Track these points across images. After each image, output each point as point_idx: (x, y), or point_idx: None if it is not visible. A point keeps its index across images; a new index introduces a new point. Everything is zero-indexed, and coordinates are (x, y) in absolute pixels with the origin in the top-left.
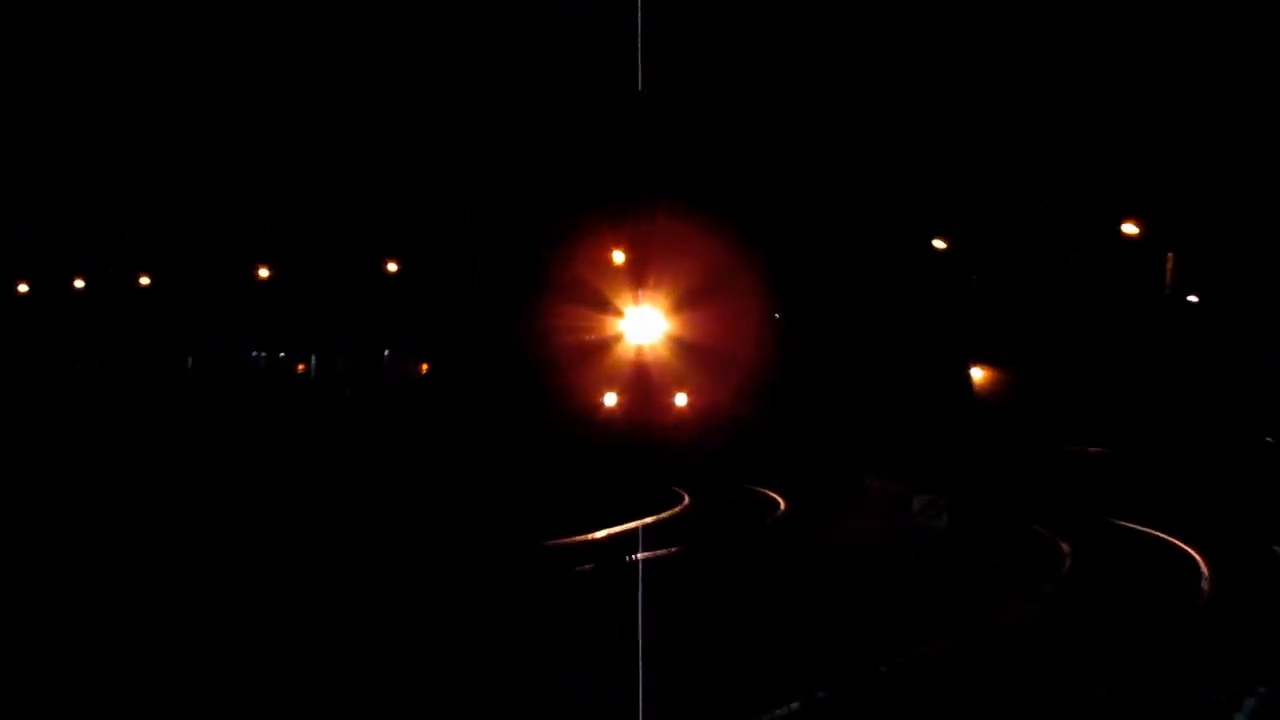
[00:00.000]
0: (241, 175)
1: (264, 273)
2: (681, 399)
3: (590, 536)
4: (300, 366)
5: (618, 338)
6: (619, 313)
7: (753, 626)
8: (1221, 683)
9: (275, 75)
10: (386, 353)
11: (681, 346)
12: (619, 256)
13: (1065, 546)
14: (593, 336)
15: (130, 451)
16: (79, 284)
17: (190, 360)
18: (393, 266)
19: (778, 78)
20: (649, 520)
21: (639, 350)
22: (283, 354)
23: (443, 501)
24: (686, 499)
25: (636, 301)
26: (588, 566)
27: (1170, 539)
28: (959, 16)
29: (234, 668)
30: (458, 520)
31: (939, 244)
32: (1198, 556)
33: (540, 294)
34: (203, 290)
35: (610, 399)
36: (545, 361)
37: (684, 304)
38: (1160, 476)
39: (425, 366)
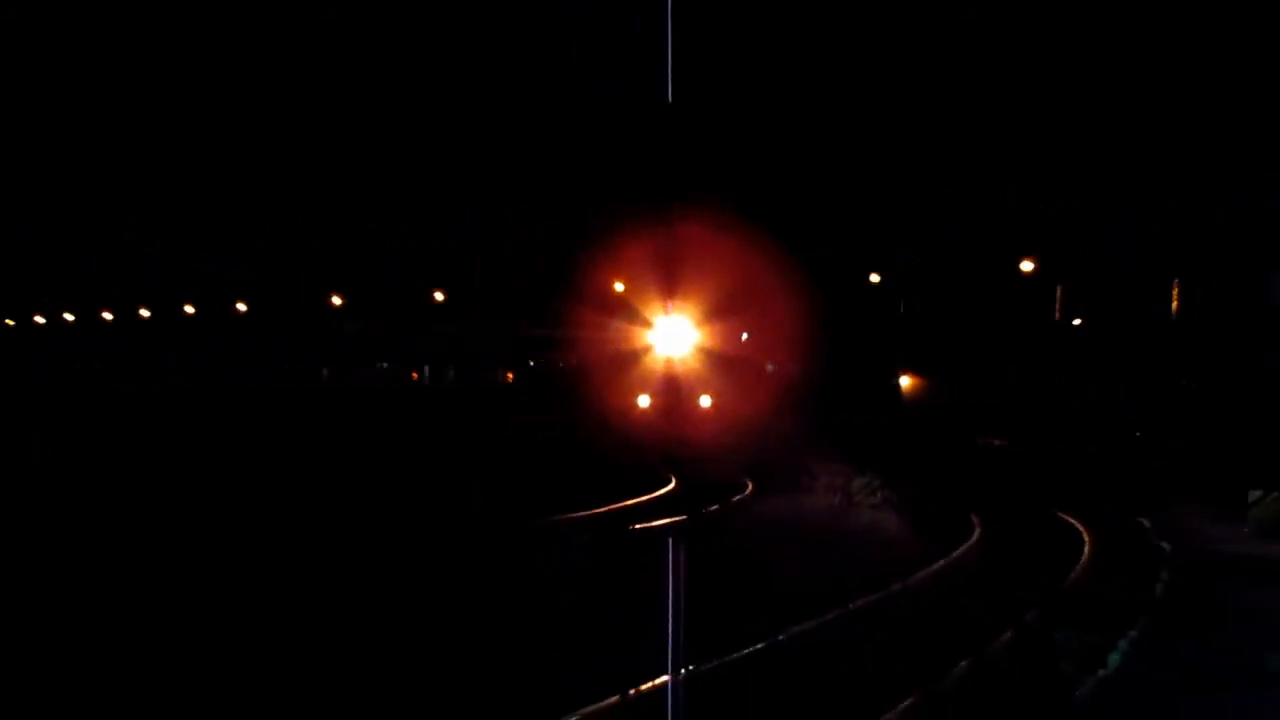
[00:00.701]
0: (295, 189)
1: (336, 300)
2: (706, 400)
3: (592, 512)
4: (414, 375)
5: (647, 348)
6: (648, 323)
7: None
8: (1100, 627)
9: (274, 77)
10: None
11: (709, 356)
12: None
13: (975, 519)
14: (623, 346)
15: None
16: (189, 309)
17: (325, 370)
18: (439, 296)
19: (787, 80)
20: (640, 500)
21: (668, 360)
22: (386, 364)
23: (450, 491)
24: (673, 485)
25: (666, 311)
26: (586, 537)
27: (1057, 512)
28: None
29: (235, 659)
30: (466, 506)
31: (874, 277)
32: (1080, 526)
33: (562, 301)
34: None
35: (644, 401)
36: (565, 366)
37: (713, 315)
38: (1051, 464)
39: (510, 375)
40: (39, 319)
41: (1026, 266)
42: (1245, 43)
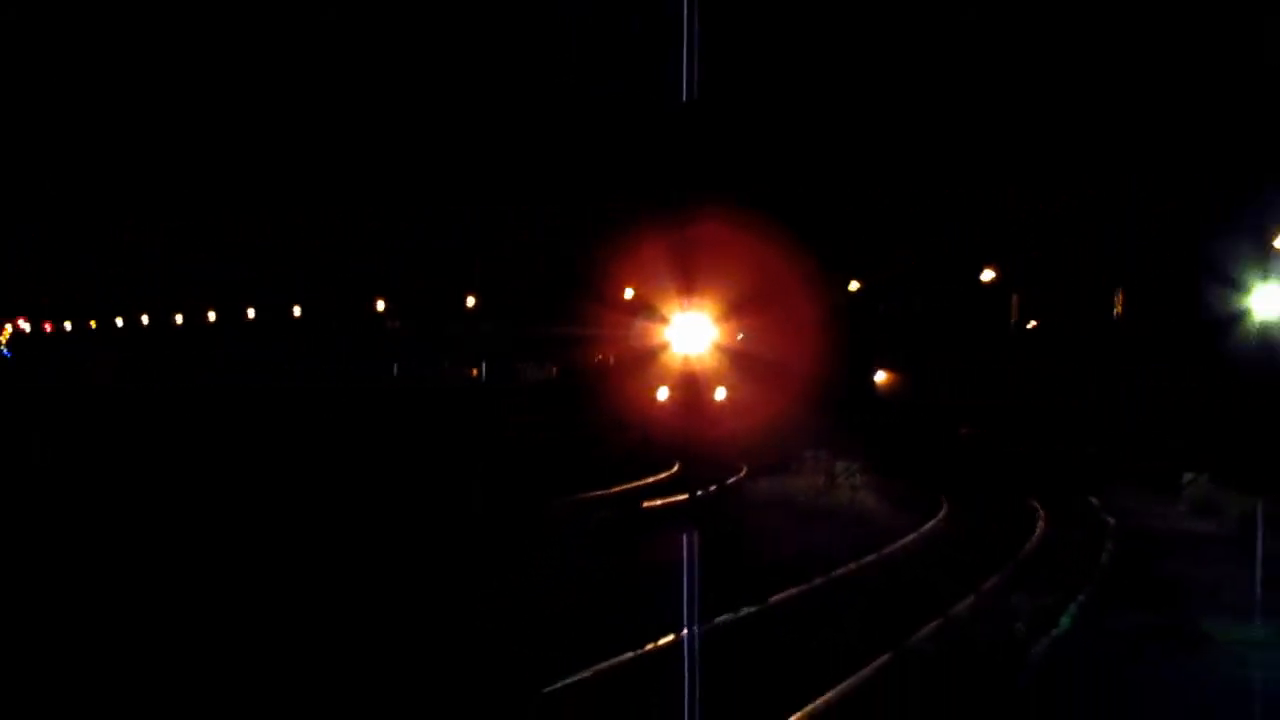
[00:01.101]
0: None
1: (380, 304)
2: (721, 393)
3: (608, 491)
4: (474, 371)
5: (664, 345)
6: (665, 320)
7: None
8: (1051, 593)
9: (276, 77)
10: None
11: (726, 353)
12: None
13: (943, 499)
14: (641, 344)
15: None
16: (251, 313)
17: (395, 368)
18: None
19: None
20: (647, 481)
21: (685, 358)
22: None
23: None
24: (676, 469)
25: (683, 308)
26: (606, 512)
27: (1016, 492)
28: None
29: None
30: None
31: (854, 285)
32: (1036, 504)
33: (589, 300)
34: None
35: (663, 393)
36: (590, 364)
37: (730, 312)
38: (1010, 452)
39: (555, 370)
40: (118, 320)
41: (987, 275)
42: (1183, 72)
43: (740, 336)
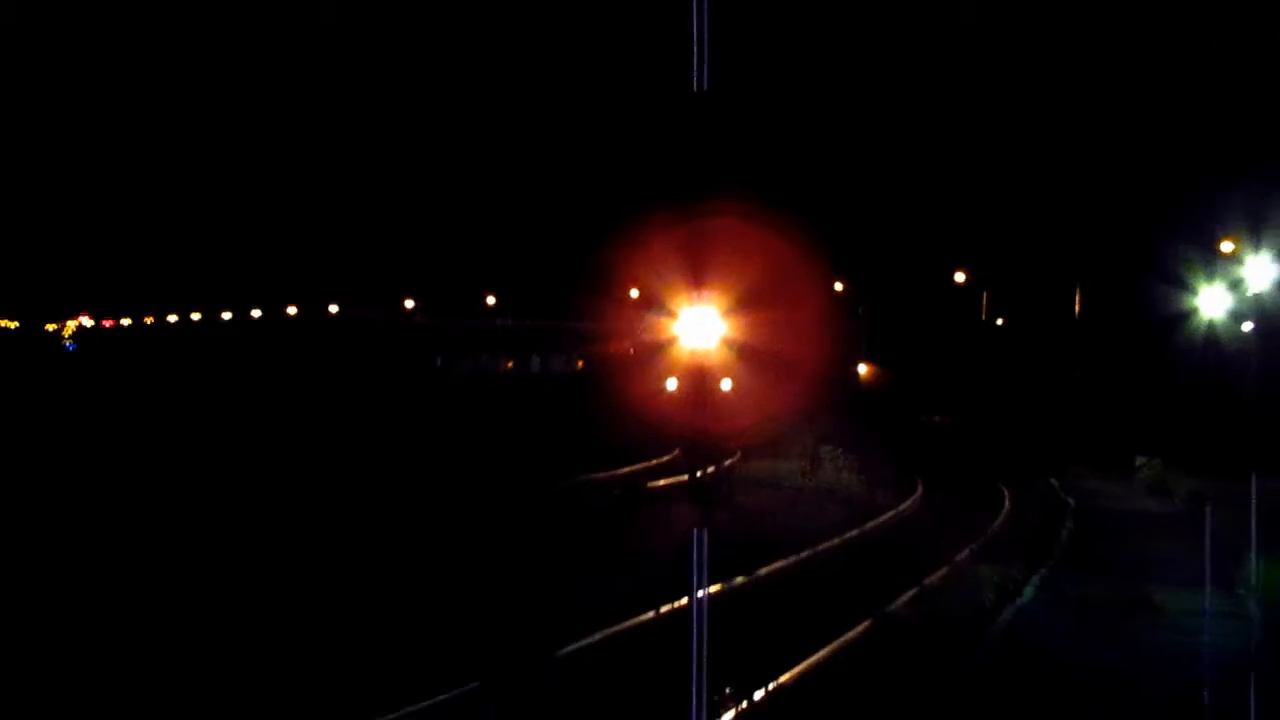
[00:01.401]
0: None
1: (409, 303)
2: (727, 384)
3: (616, 472)
4: (509, 363)
5: (673, 339)
6: (673, 315)
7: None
8: (1017, 564)
9: (290, 88)
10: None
11: (731, 346)
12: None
13: (918, 480)
14: (650, 337)
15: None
16: (292, 310)
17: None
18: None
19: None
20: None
21: (692, 351)
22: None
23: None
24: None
25: (691, 303)
26: (614, 491)
27: (985, 475)
28: None
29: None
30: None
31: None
32: (1002, 485)
33: (598, 298)
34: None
35: (671, 384)
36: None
37: (737, 307)
38: (980, 438)
39: (580, 363)
40: (171, 317)
41: (959, 277)
42: (1133, 91)
43: (741, 332)
